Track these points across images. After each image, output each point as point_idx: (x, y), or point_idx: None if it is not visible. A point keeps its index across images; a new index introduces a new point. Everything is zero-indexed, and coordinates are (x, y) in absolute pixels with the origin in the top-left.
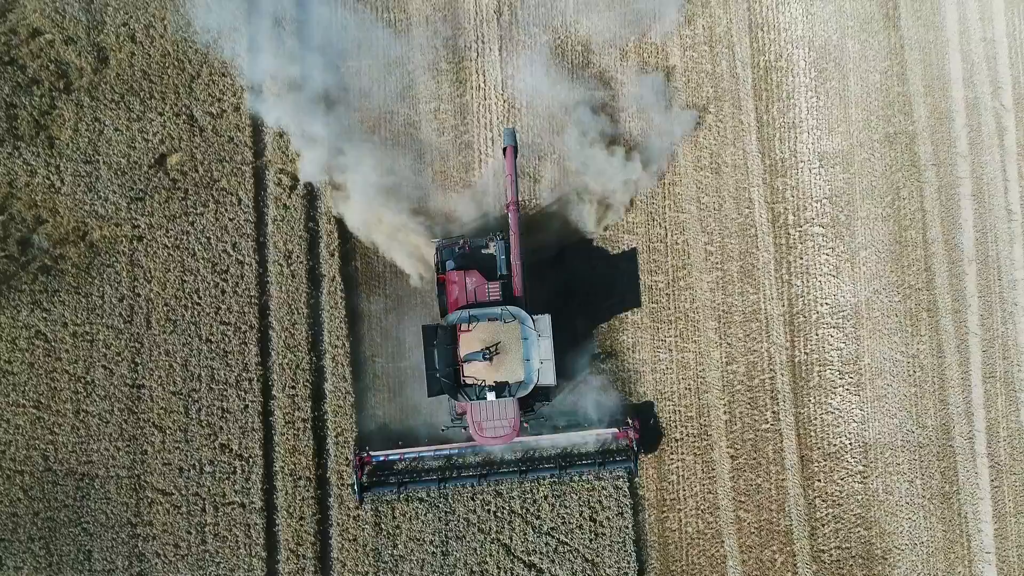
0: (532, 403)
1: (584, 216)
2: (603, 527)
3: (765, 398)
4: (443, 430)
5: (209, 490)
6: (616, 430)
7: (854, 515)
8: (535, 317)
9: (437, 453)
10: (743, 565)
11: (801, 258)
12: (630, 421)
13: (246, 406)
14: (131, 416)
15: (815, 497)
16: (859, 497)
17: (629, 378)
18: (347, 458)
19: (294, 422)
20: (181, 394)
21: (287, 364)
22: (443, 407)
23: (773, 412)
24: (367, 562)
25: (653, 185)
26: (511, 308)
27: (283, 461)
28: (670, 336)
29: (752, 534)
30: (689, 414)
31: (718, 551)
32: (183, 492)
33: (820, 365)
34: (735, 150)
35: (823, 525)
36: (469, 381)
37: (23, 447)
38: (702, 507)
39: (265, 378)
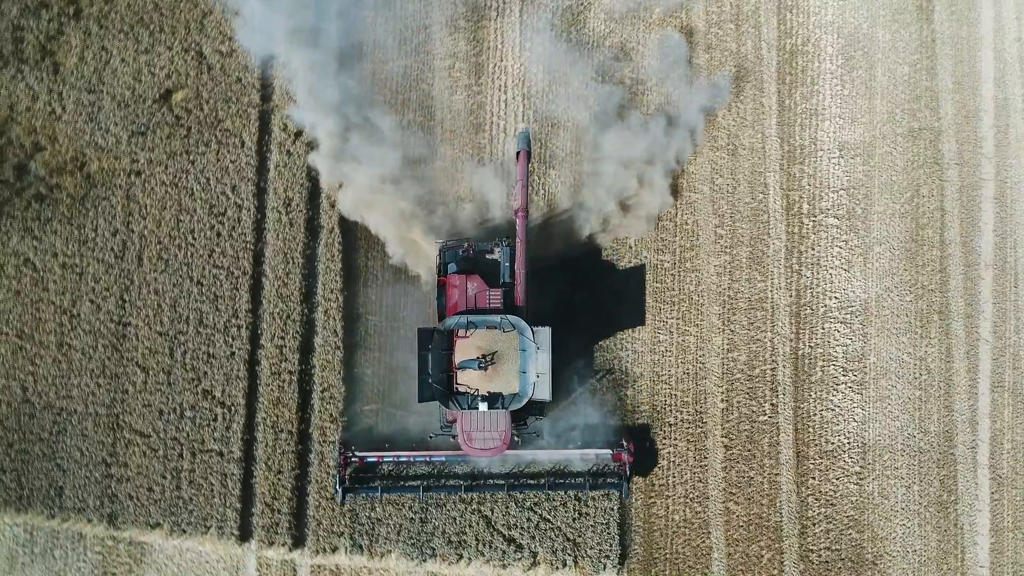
0: (525, 417)
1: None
2: (587, 507)
3: (765, 389)
4: (431, 437)
5: (188, 435)
6: (612, 451)
7: (847, 517)
8: (535, 329)
9: (423, 459)
10: (728, 558)
11: (813, 249)
12: (625, 443)
13: (233, 353)
14: (115, 353)
15: (808, 495)
16: (853, 499)
17: (627, 357)
18: (331, 415)
19: (280, 373)
20: (167, 335)
21: (278, 314)
22: (434, 411)
23: (772, 404)
24: (343, 522)
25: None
26: (511, 317)
27: (266, 412)
28: (672, 318)
29: (740, 527)
30: (685, 399)
31: (704, 542)
32: (161, 435)
33: (824, 360)
34: (753, 132)
35: (814, 524)
36: (462, 389)
37: (2, 376)
38: (691, 495)
39: (254, 326)
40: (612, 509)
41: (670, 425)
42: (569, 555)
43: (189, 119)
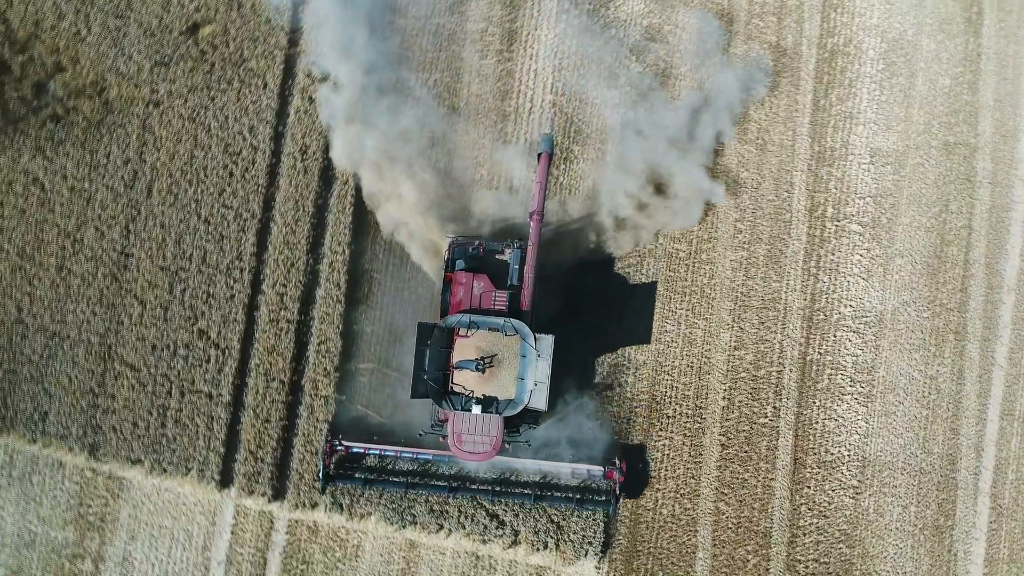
0: (518, 424)
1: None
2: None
3: (768, 391)
4: (420, 434)
5: (179, 374)
6: (604, 468)
7: (839, 530)
8: (538, 336)
9: (410, 455)
10: (713, 559)
11: (833, 254)
12: (618, 462)
13: (233, 295)
14: (113, 283)
15: (802, 504)
16: (847, 512)
17: (631, 343)
18: (325, 368)
19: (279, 321)
20: (169, 270)
21: (283, 260)
22: (426, 409)
23: (774, 407)
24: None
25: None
26: (515, 321)
27: (260, 359)
28: (681, 308)
29: (729, 529)
30: (686, 392)
31: (690, 539)
32: (152, 371)
33: (832, 368)
34: (784, 129)
35: (805, 534)
36: (457, 389)
37: None
38: (682, 491)
39: (257, 271)
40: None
41: (668, 417)
42: (551, 537)
43: (214, 55)
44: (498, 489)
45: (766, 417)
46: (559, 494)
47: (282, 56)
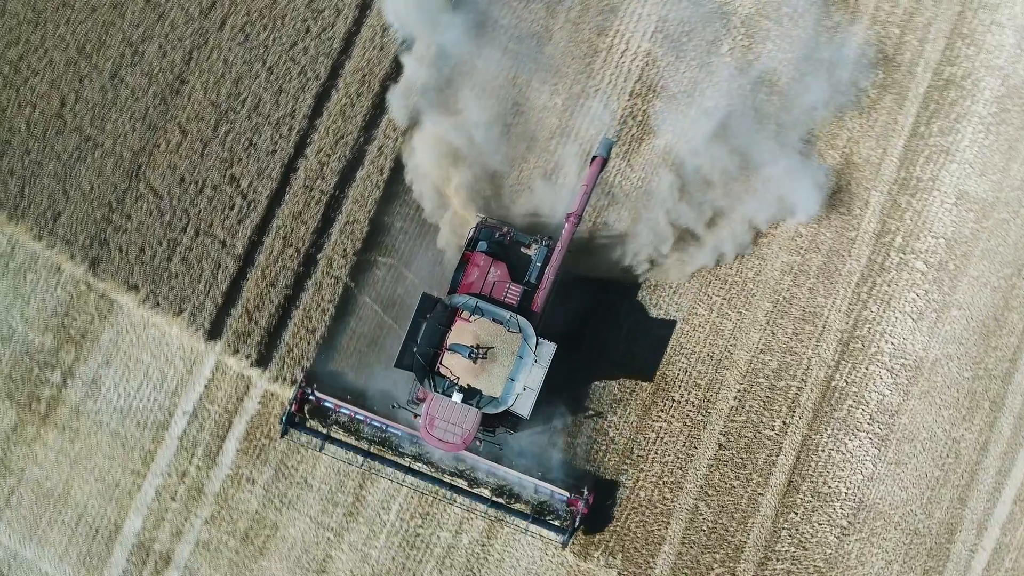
0: (496, 425)
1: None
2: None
3: (783, 405)
4: (393, 407)
5: (199, 213)
6: (570, 494)
7: (815, 566)
8: (540, 341)
9: (378, 424)
10: (677, 557)
11: (889, 285)
12: (586, 492)
13: (274, 151)
14: (162, 105)
15: (784, 528)
16: (828, 551)
17: (657, 314)
18: (344, 250)
19: (312, 189)
20: (219, 108)
21: (334, 130)
22: (406, 383)
23: (784, 423)
24: (310, 355)
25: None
26: (521, 319)
27: (283, 221)
28: (718, 295)
29: (702, 531)
30: (698, 381)
31: (659, 530)
32: (174, 202)
33: (854, 400)
34: (875, 146)
35: (778, 560)
36: (443, 372)
37: (47, 83)
38: (666, 479)
39: (306, 134)
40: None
41: (672, 400)
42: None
43: None
44: (456, 484)
45: (773, 430)
46: (517, 506)
47: None
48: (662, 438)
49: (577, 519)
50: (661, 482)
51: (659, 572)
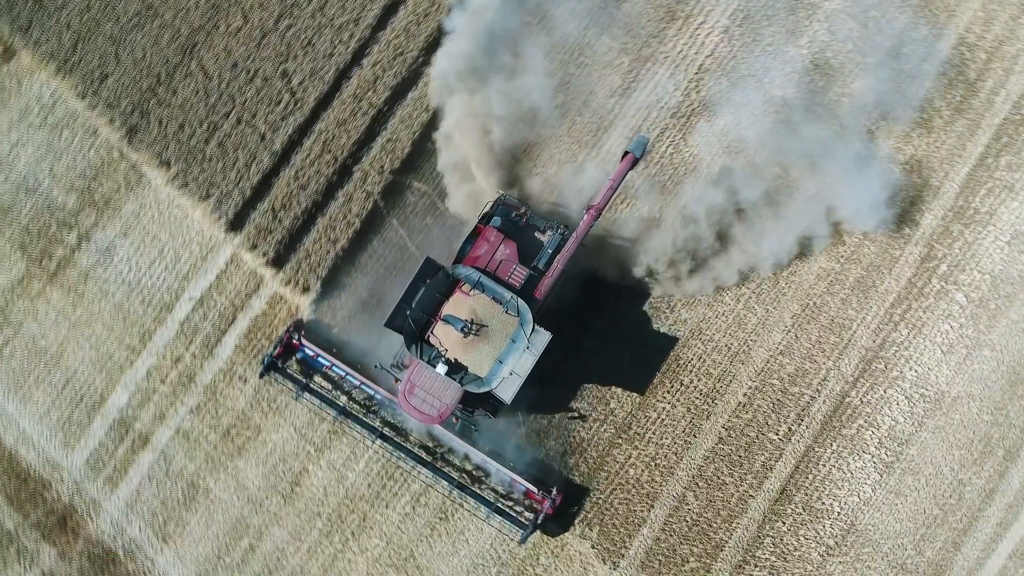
0: (475, 405)
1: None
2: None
3: (791, 411)
4: (376, 367)
5: (245, 102)
6: (539, 492)
7: None
8: (536, 328)
9: (357, 383)
10: (654, 542)
11: (924, 312)
12: (554, 491)
13: (332, 54)
14: None
15: (768, 535)
16: (809, 568)
17: (682, 298)
18: (382, 166)
19: (361, 99)
20: (285, 1)
21: (395, 45)
22: (394, 345)
23: (789, 429)
24: (325, 267)
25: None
26: (521, 303)
27: (326, 125)
28: (748, 289)
29: (684, 522)
30: (710, 370)
31: (641, 512)
32: (222, 86)
33: (866, 421)
34: (939, 168)
35: (756, 566)
36: (433, 341)
37: None
38: (658, 462)
39: (366, 44)
40: (568, 434)
41: (681, 384)
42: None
43: None
44: (423, 458)
45: (776, 434)
46: (481, 493)
47: None
48: (663, 419)
49: (540, 517)
50: (653, 464)
51: (633, 553)
